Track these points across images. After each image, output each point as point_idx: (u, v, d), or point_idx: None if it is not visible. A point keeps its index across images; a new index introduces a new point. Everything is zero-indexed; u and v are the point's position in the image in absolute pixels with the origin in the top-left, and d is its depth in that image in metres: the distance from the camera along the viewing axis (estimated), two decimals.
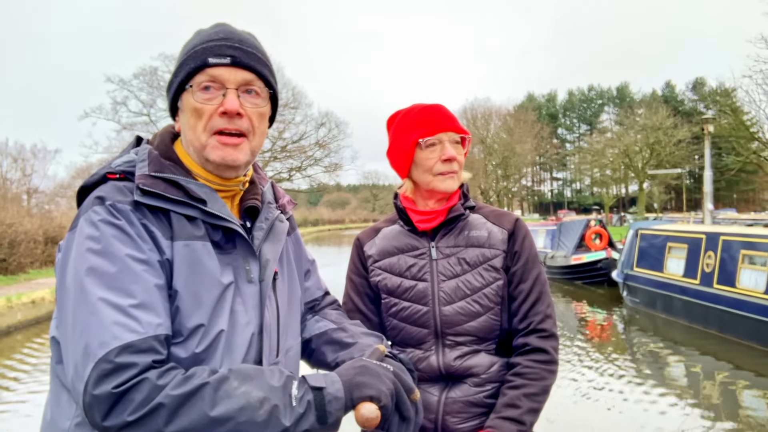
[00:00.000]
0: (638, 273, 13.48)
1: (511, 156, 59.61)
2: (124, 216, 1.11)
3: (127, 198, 1.14)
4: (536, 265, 1.71)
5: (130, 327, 1.02)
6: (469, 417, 1.64)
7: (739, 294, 9.88)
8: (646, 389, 7.58)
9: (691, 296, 11.24)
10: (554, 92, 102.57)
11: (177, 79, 1.23)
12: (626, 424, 6.45)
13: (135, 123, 38.30)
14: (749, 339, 9.54)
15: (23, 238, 17.78)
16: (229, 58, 1.20)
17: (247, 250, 1.24)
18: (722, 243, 10.64)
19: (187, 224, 1.16)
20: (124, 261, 1.07)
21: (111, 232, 1.09)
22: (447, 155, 1.66)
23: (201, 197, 1.19)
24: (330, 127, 45.58)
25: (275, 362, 1.26)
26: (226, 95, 1.20)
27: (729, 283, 10.21)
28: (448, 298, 1.67)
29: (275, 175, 42.39)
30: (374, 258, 1.78)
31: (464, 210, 1.73)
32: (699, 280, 11.12)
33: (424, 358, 1.68)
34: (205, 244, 1.17)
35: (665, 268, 12.47)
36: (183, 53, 1.25)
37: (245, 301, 1.21)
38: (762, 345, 9.21)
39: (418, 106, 1.74)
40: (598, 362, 9.11)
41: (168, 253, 1.12)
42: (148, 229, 1.12)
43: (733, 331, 9.98)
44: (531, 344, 1.64)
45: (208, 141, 1.20)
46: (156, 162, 1.20)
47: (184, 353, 1.10)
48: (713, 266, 10.73)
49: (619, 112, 69.85)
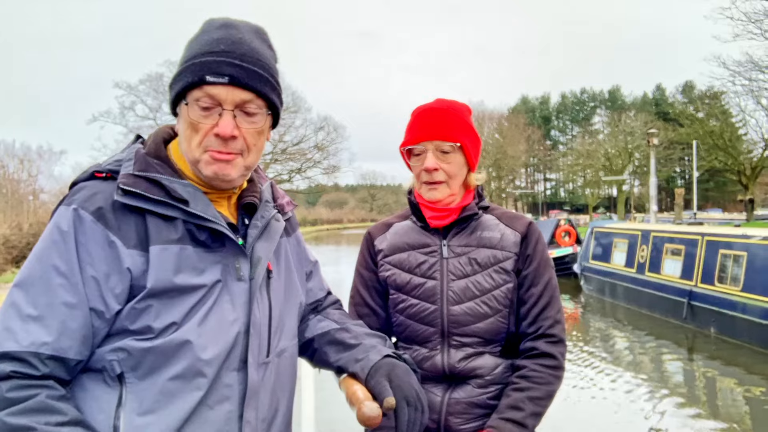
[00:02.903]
0: (592, 265, 15.75)
1: (503, 158, 61.99)
2: (81, 224, 1.10)
3: (95, 204, 1.12)
4: (548, 270, 1.69)
5: (16, 337, 1.03)
6: (472, 418, 1.63)
7: (663, 279, 12.14)
8: (592, 362, 9.38)
9: (629, 282, 13.52)
10: (547, 95, 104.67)
11: (175, 87, 1.20)
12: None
13: (141, 127, 40.02)
14: (669, 316, 11.77)
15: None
16: (227, 78, 1.16)
17: (236, 248, 1.21)
18: (652, 238, 12.91)
19: (165, 227, 1.14)
20: (46, 270, 1.07)
21: (55, 238, 1.09)
22: (425, 166, 1.63)
23: (183, 197, 1.16)
24: (328, 131, 47.68)
25: (265, 362, 1.24)
26: (222, 116, 1.17)
27: (656, 271, 12.48)
28: (456, 297, 1.65)
29: (276, 177, 44.13)
30: (384, 253, 1.76)
31: (478, 210, 1.71)
32: (635, 269, 13.39)
33: (428, 357, 1.67)
34: (184, 248, 1.15)
35: (612, 260, 14.76)
36: (184, 58, 1.21)
37: (233, 299, 1.19)
38: (677, 319, 11.43)
39: (417, 109, 1.71)
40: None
41: (129, 262, 1.10)
42: (109, 239, 1.10)
43: (658, 309, 12.22)
44: (539, 349, 1.62)
45: (201, 156, 1.19)
46: (142, 161, 1.19)
47: (151, 345, 1.10)
48: (646, 257, 12.99)
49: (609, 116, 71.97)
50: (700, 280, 10.91)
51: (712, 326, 10.37)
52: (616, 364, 9.15)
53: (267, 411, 1.24)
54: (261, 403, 1.22)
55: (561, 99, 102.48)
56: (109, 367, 1.10)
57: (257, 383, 1.21)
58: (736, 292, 9.80)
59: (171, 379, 1.11)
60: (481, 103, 75.89)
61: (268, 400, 1.25)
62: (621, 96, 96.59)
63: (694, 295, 10.91)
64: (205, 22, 1.25)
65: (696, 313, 10.87)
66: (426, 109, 1.67)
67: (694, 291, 10.93)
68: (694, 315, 10.93)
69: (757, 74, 26.03)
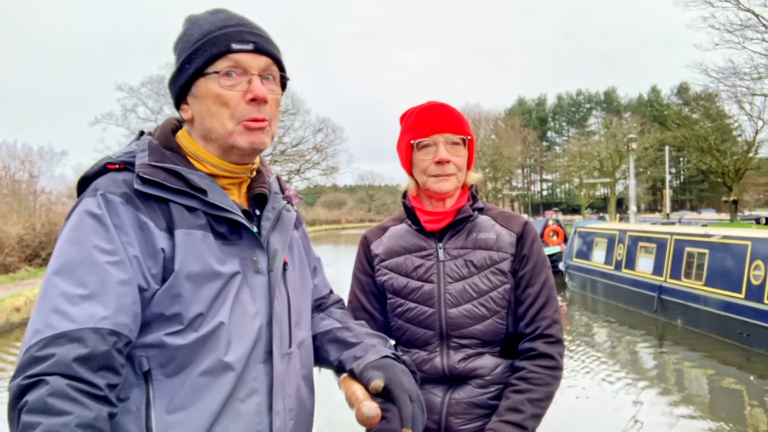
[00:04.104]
0: (575, 263, 16.70)
1: (499, 159, 62.89)
2: (111, 207, 1.09)
3: (120, 189, 1.11)
4: (544, 270, 1.70)
5: (69, 316, 0.98)
6: (472, 418, 1.63)
7: (637, 275, 13.08)
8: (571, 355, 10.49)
9: (608, 279, 14.47)
10: (544, 96, 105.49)
11: (193, 66, 1.18)
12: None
13: (143, 128, 40.77)
14: (642, 309, 12.70)
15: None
16: (251, 45, 1.18)
17: (253, 241, 1.22)
18: (628, 237, 13.85)
19: (188, 214, 1.14)
20: (89, 251, 1.04)
21: (89, 222, 1.07)
22: (438, 157, 1.64)
23: (202, 187, 1.16)
24: (327, 133, 48.24)
25: (288, 353, 1.25)
26: (252, 82, 1.18)
27: (631, 268, 13.42)
28: (454, 300, 1.65)
29: None
30: (381, 257, 1.76)
31: (472, 211, 1.71)
32: (613, 266, 14.32)
33: (428, 360, 1.67)
34: (206, 235, 1.15)
35: (592, 258, 15.70)
36: (193, 40, 1.20)
37: (253, 292, 1.20)
38: (648, 312, 12.36)
39: (419, 106, 1.73)
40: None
41: (162, 243, 1.10)
42: (141, 220, 1.10)
43: (633, 303, 13.16)
44: (537, 349, 1.62)
45: (235, 128, 1.18)
46: (156, 152, 1.18)
47: (182, 341, 1.08)
48: (622, 255, 13.92)
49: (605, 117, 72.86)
50: (669, 276, 11.85)
51: (679, 318, 11.30)
52: (594, 354, 9.94)
53: (293, 401, 1.26)
54: (287, 394, 1.24)
55: (557, 100, 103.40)
56: (136, 364, 1.09)
57: (282, 374, 1.22)
58: (699, 287, 10.73)
59: (200, 374, 1.10)
60: (478, 104, 77.07)
61: (293, 391, 1.26)
62: (617, 97, 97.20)
63: (663, 290, 11.85)
64: (187, 19, 1.26)
65: (665, 306, 11.81)
66: (434, 104, 1.71)
67: (664, 286, 11.87)
68: (663, 308, 11.87)
69: (736, 80, 26.98)
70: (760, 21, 24.21)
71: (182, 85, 1.22)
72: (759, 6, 24.06)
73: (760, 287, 9.10)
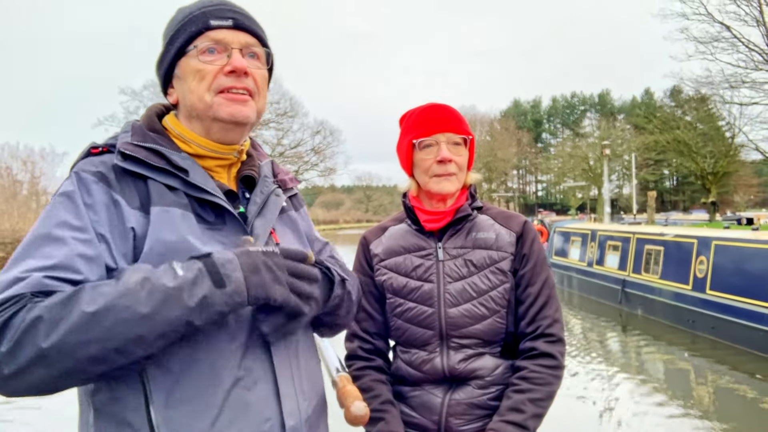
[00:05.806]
0: (555, 260, 18.09)
1: (494, 161, 64.32)
2: (83, 184, 1.08)
3: (95, 168, 1.10)
4: (544, 269, 1.70)
5: (25, 268, 0.98)
6: (472, 419, 1.63)
7: (605, 271, 14.47)
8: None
9: (582, 275, 15.86)
10: (539, 98, 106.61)
11: (174, 46, 1.19)
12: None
13: None
14: (609, 300, 14.08)
15: None
16: (231, 20, 1.19)
17: (237, 227, 1.19)
18: (599, 236, 15.25)
19: (168, 193, 1.12)
20: (57, 226, 1.03)
21: (61, 200, 1.07)
22: (440, 156, 1.64)
23: (183, 167, 1.15)
24: (325, 135, 49.32)
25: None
26: (232, 55, 1.18)
27: (601, 264, 14.82)
28: (453, 300, 1.65)
29: None
30: (380, 257, 1.76)
31: (471, 210, 1.72)
32: (586, 263, 15.71)
33: (428, 360, 1.67)
34: (187, 214, 1.12)
35: (569, 256, 17.10)
36: (176, 22, 1.22)
37: None
38: (614, 303, 13.72)
39: (420, 107, 1.73)
40: None
41: (133, 221, 1.07)
42: (113, 198, 1.08)
43: (602, 296, 14.54)
44: (538, 349, 1.62)
45: (214, 100, 1.17)
46: (139, 132, 1.18)
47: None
48: (594, 253, 15.31)
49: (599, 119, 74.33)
50: (631, 271, 13.22)
51: (640, 308, 12.64)
52: (568, 341, 11.19)
53: (303, 383, 1.23)
54: (295, 375, 1.21)
55: (552, 102, 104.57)
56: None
57: (285, 357, 1.19)
58: (656, 280, 12.08)
59: (194, 365, 1.06)
60: (473, 107, 78.31)
61: (298, 373, 1.23)
62: (611, 100, 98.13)
63: (626, 283, 13.19)
64: (178, 10, 1.26)
65: (628, 298, 13.15)
66: (435, 105, 1.72)
67: (627, 279, 13.22)
68: (627, 299, 13.21)
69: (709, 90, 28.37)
70: (732, 33, 25.58)
71: (167, 68, 1.23)
72: (733, 20, 25.45)
73: (703, 279, 10.46)
